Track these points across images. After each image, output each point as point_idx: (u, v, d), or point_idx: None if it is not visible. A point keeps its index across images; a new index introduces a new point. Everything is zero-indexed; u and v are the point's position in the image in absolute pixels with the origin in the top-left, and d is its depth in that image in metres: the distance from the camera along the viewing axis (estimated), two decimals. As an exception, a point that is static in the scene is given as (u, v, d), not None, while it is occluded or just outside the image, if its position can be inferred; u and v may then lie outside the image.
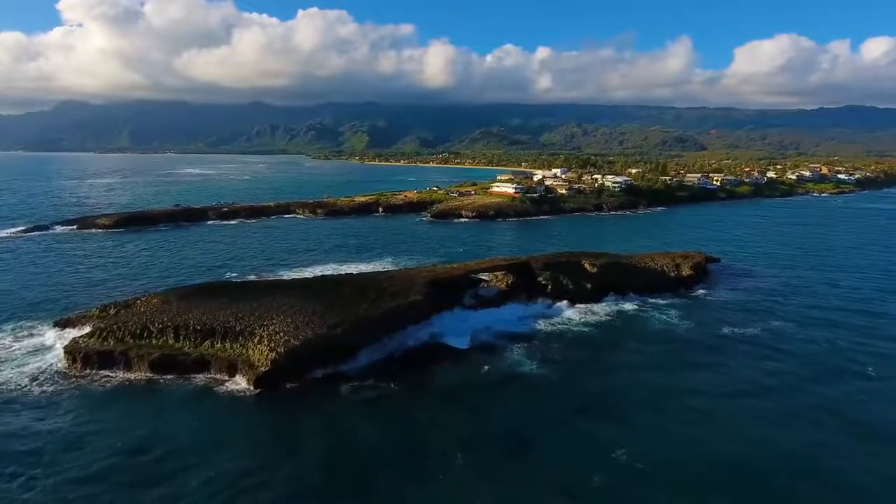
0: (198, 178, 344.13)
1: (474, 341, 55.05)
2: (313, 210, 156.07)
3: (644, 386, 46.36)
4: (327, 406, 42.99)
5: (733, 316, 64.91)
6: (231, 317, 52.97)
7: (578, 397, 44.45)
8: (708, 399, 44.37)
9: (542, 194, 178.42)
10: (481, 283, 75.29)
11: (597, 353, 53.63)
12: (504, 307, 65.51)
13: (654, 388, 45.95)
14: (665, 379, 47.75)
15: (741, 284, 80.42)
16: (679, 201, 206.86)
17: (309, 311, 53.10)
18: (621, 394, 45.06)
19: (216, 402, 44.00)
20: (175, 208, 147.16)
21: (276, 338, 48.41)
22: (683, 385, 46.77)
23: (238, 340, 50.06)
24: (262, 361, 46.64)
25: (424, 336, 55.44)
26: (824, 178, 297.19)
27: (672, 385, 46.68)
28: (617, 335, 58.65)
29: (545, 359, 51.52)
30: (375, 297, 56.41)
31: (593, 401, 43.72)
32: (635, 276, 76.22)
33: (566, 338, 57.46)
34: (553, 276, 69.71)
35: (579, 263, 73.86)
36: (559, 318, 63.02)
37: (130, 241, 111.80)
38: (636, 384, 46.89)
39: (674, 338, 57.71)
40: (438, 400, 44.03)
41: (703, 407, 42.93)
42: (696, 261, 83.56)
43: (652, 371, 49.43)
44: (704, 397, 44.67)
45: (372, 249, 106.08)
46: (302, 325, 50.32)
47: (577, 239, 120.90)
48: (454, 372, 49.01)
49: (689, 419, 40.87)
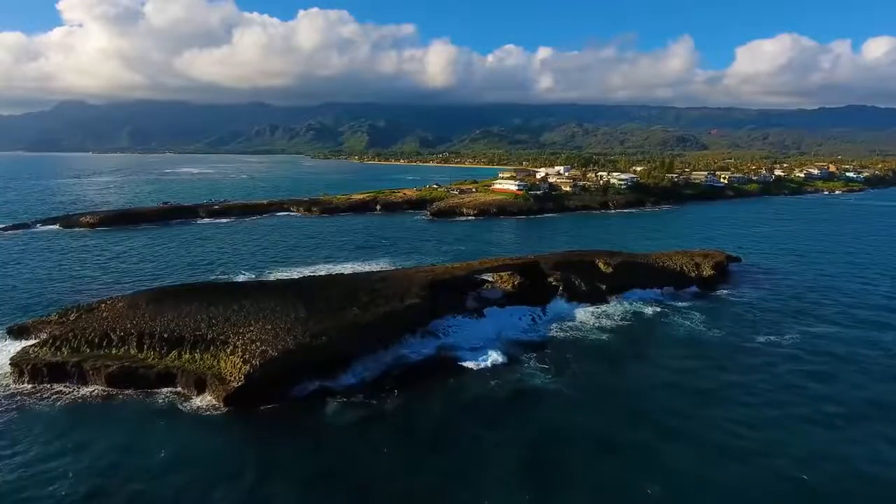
0: (195, 177, 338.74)
1: (484, 353, 48.48)
2: (308, 208, 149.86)
3: (676, 409, 39.37)
4: (309, 430, 36.73)
5: (765, 320, 58.58)
6: (203, 323, 46.76)
7: (601, 422, 37.77)
8: (757, 427, 36.79)
9: (545, 191, 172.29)
10: (485, 284, 69.25)
11: (617, 366, 47.21)
12: (510, 309, 59.30)
13: (688, 412, 38.92)
14: (699, 399, 41.07)
15: (767, 284, 74.09)
16: (687, 199, 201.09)
17: (291, 316, 46.87)
18: (650, 418, 38.10)
19: (180, 423, 37.78)
20: (164, 206, 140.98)
21: (252, 348, 42.17)
22: (723, 408, 39.68)
23: (209, 350, 43.85)
24: (234, 376, 40.41)
25: (429, 349, 48.74)
26: (832, 176, 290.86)
27: (709, 408, 39.70)
28: (638, 343, 52.30)
29: (560, 371, 45.17)
30: (367, 301, 50.17)
31: (618, 427, 36.98)
32: (653, 277, 69.96)
33: (582, 346, 51.12)
34: (564, 277, 63.44)
35: (593, 263, 67.57)
36: (572, 322, 56.69)
37: (114, 239, 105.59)
38: (666, 406, 40.05)
39: (703, 347, 51.32)
40: (439, 424, 37.56)
41: (752, 438, 35.39)
42: (717, 260, 77.31)
43: (683, 389, 42.80)
44: (752, 425, 37.10)
45: (368, 249, 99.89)
46: (282, 332, 44.08)
47: (585, 237, 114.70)
48: (457, 388, 42.63)
49: (737, 454, 33.71)
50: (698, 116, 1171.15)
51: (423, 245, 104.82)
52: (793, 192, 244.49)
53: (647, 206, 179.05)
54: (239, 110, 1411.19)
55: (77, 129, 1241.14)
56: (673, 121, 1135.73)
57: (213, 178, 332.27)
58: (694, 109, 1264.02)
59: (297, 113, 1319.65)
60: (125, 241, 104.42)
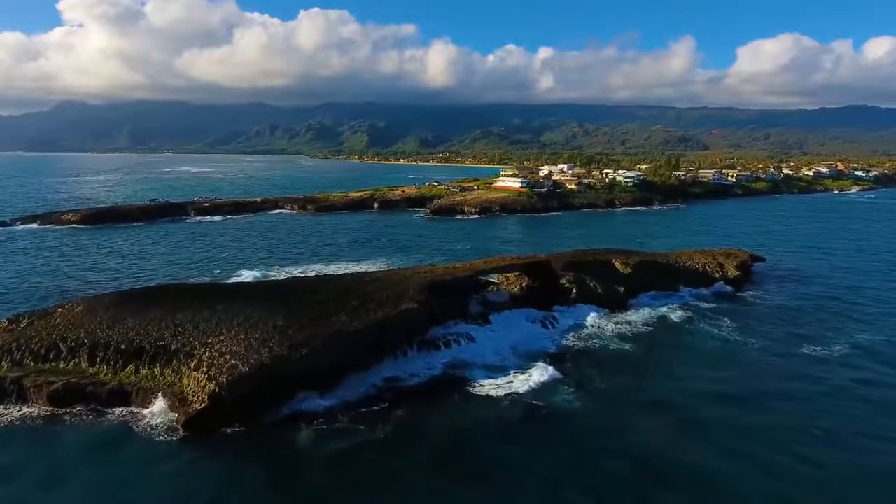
0: (192, 175, 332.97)
1: (494, 369, 42.15)
2: (303, 205, 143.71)
3: (721, 444, 32.04)
4: (280, 462, 30.54)
5: (804, 328, 52.37)
6: (168, 331, 40.60)
7: (634, 451, 31.30)
8: (828, 469, 30.01)
9: (549, 189, 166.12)
10: (490, 286, 63.11)
11: (645, 380, 40.93)
12: (518, 314, 53.14)
13: (734, 446, 31.90)
14: (744, 422, 34.73)
15: (797, 288, 67.85)
16: (694, 197, 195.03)
17: (269, 323, 40.68)
18: (692, 448, 31.64)
19: (127, 450, 31.72)
20: (151, 203, 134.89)
21: (220, 362, 35.96)
22: (774, 437, 33.29)
23: (171, 364, 37.71)
24: (197, 396, 34.25)
25: (428, 364, 41.94)
26: (841, 174, 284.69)
27: (761, 438, 32.98)
28: (665, 354, 46.06)
29: (580, 386, 38.89)
30: (357, 306, 43.95)
31: (655, 458, 30.67)
32: (675, 278, 63.79)
33: (602, 357, 44.85)
34: (578, 278, 57.23)
35: (609, 263, 61.38)
36: (589, 329, 50.44)
37: (93, 238, 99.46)
38: (710, 435, 33.20)
39: (739, 359, 45.03)
40: (440, 456, 31.14)
41: (821, 484, 29.07)
42: (741, 259, 71.16)
43: (724, 413, 36.12)
44: (819, 463, 30.39)
45: (363, 248, 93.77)
46: (257, 343, 37.89)
47: (593, 236, 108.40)
48: (463, 408, 36.37)
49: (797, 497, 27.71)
50: (698, 116, 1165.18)
51: (421, 244, 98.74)
52: (802, 191, 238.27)
53: (654, 204, 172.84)
54: (239, 110, 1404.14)
55: (77, 129, 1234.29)
56: (673, 121, 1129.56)
57: (212, 176, 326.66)
58: (694, 109, 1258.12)
59: (297, 113, 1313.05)
60: (105, 239, 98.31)
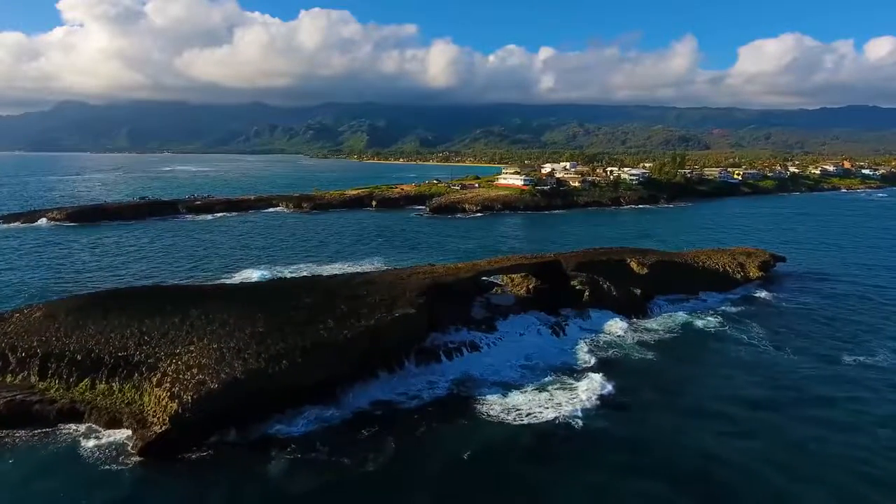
0: (190, 174, 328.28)
1: (505, 386, 37.41)
2: (298, 204, 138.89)
3: (768, 480, 27.15)
4: (245, 497, 25.79)
5: (841, 332, 47.63)
6: (132, 340, 35.88)
7: (679, 474, 26.67)
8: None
9: (553, 187, 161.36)
10: (494, 287, 58.38)
11: (678, 395, 35.97)
12: (525, 319, 48.40)
13: (793, 465, 27.73)
14: (794, 436, 30.22)
15: (824, 288, 63.12)
16: (701, 195, 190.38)
17: (246, 331, 35.95)
18: (746, 467, 27.12)
19: (76, 480, 27.04)
20: (140, 201, 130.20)
21: (186, 377, 31.21)
22: (838, 456, 28.76)
23: (132, 379, 33.00)
24: (158, 416, 29.52)
25: (438, 385, 36.64)
26: (848, 172, 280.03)
27: (827, 460, 28.58)
28: (695, 365, 41.20)
29: (607, 405, 33.79)
30: (346, 311, 39.18)
31: (701, 480, 26.05)
32: (694, 279, 59.02)
33: (626, 369, 39.90)
34: (591, 280, 52.45)
35: (624, 262, 56.60)
36: (606, 336, 45.58)
37: (77, 237, 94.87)
38: (764, 454, 28.64)
39: (776, 369, 40.22)
40: (439, 493, 26.43)
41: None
42: (762, 259, 66.38)
43: (771, 428, 31.72)
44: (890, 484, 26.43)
45: (359, 247, 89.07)
46: (230, 354, 33.12)
47: (600, 235, 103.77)
48: (466, 432, 31.49)
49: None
50: (699, 116, 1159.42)
51: (421, 243, 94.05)
52: (810, 189, 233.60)
53: (660, 202, 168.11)
54: (239, 110, 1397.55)
55: (76, 129, 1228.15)
56: (674, 121, 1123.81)
57: (209, 175, 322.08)
58: (695, 109, 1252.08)
59: (297, 113, 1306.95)
60: (88, 238, 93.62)
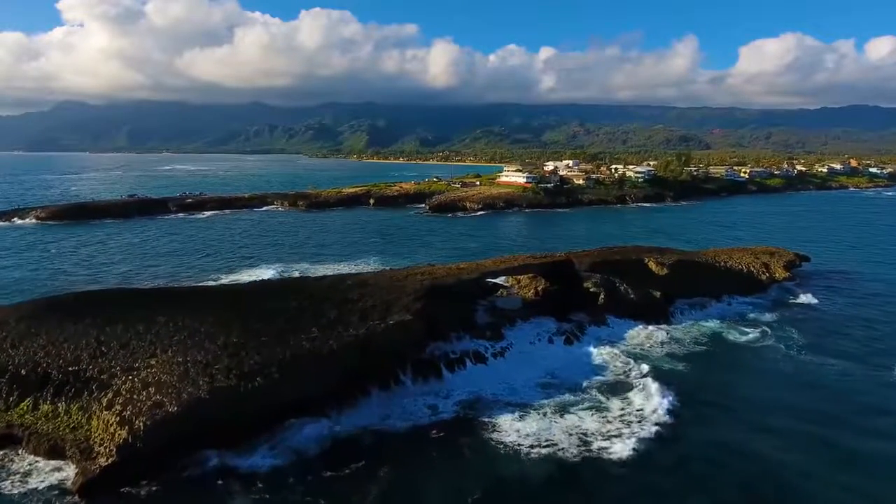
0: (187, 173, 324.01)
1: (521, 407, 32.54)
2: (293, 202, 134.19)
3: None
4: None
5: (886, 340, 42.85)
6: (87, 352, 31.18)
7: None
8: None
9: (557, 184, 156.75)
10: (499, 290, 53.67)
11: (720, 418, 30.74)
12: (534, 325, 43.74)
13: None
14: (863, 463, 25.51)
15: (857, 290, 58.42)
16: (707, 194, 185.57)
17: (218, 341, 31.24)
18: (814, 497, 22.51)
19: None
20: (129, 199, 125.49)
21: (140, 397, 26.47)
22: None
23: (81, 398, 28.23)
24: (105, 446, 24.78)
25: (443, 409, 31.28)
26: (856, 171, 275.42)
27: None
28: (732, 380, 36.11)
29: (642, 429, 28.63)
30: (334, 318, 34.46)
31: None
32: (716, 281, 54.26)
33: (656, 386, 34.94)
34: (606, 282, 47.66)
35: (641, 262, 51.85)
36: (627, 346, 40.69)
37: (59, 236, 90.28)
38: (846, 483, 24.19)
39: (826, 384, 35.31)
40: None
41: None
42: (787, 259, 61.73)
43: (834, 452, 27.06)
44: None
45: (355, 246, 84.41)
46: (196, 369, 28.39)
47: (607, 234, 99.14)
48: (474, 465, 26.60)
49: None
50: (700, 116, 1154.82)
51: (419, 242, 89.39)
52: (818, 188, 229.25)
53: (667, 200, 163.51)
54: (238, 110, 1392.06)
55: (76, 129, 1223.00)
56: (674, 120, 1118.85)
57: (207, 174, 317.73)
58: (695, 109, 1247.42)
59: (296, 113, 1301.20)
60: (71, 237, 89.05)
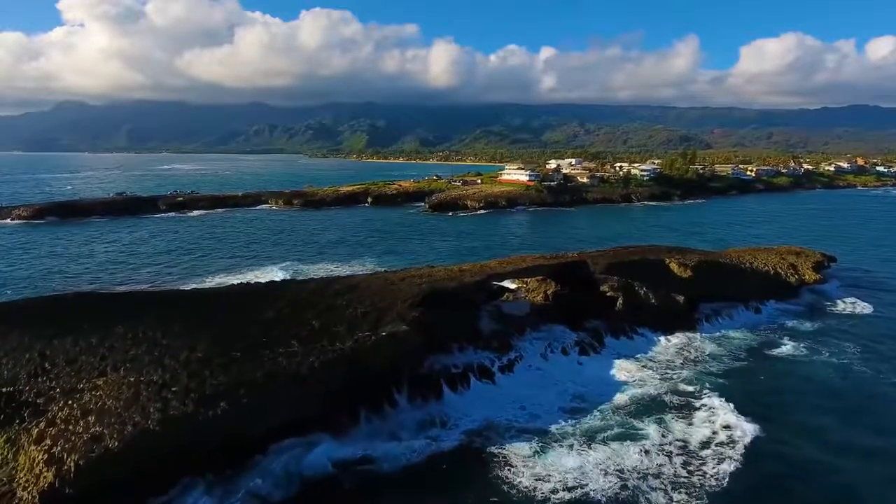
0: (184, 172, 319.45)
1: (542, 433, 27.89)
2: (288, 200, 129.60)
3: None
4: None
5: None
6: (28, 368, 26.64)
7: None
8: None
9: (560, 182, 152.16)
10: (504, 293, 49.08)
11: (781, 452, 26.00)
12: (546, 334, 39.12)
13: None
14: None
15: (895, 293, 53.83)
16: (714, 192, 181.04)
17: (180, 356, 26.62)
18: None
19: None
20: (117, 197, 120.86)
21: (77, 429, 21.81)
22: None
23: (11, 426, 23.56)
24: (28, 491, 20.11)
25: (443, 435, 26.49)
26: (863, 170, 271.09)
27: None
28: (787, 403, 30.52)
29: (691, 464, 24.02)
30: (318, 328, 29.80)
31: None
32: (743, 283, 49.56)
33: (700, 411, 30.01)
34: (625, 285, 42.94)
35: (662, 263, 47.16)
36: (654, 360, 35.86)
37: (39, 235, 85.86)
38: None
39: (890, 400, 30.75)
40: None
41: None
42: (815, 260, 57.13)
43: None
44: None
45: (349, 246, 79.82)
46: (149, 392, 23.74)
47: (616, 233, 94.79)
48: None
49: None
50: (700, 116, 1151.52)
51: (418, 242, 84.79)
52: (825, 186, 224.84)
53: (673, 199, 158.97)
54: (238, 110, 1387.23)
55: (75, 130, 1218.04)
56: (674, 120, 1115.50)
57: (204, 173, 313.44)
58: (695, 109, 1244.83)
59: (296, 113, 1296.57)
60: (52, 237, 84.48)
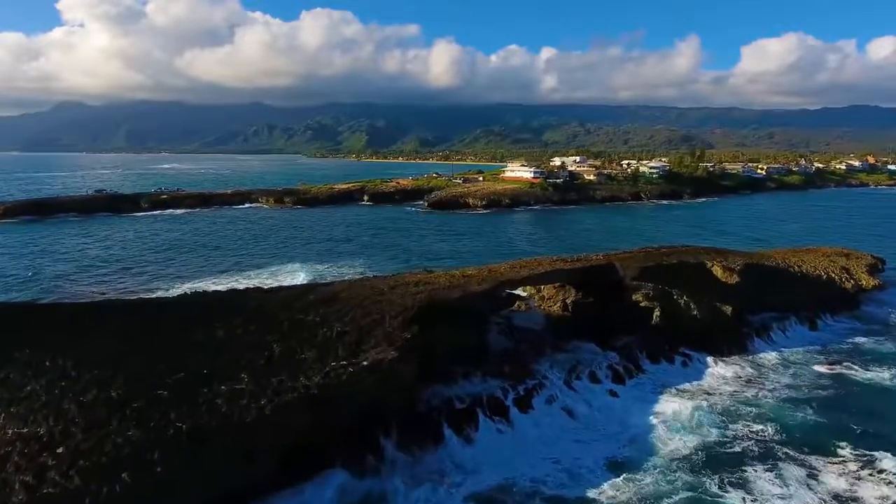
0: (180, 171, 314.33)
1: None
2: (279, 199, 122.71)
3: None
4: None
5: None
6: None
7: None
8: None
9: (566, 180, 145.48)
10: (515, 301, 41.99)
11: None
12: (571, 355, 32.16)
13: None
14: None
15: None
16: (724, 190, 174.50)
17: (88, 395, 19.48)
18: None
19: None
20: (96, 195, 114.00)
21: None
22: None
23: None
24: None
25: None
26: (875, 168, 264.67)
27: None
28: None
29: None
30: (279, 353, 22.60)
31: None
32: (792, 290, 42.46)
33: (788, 465, 23.12)
34: (661, 293, 35.82)
35: (703, 267, 40.06)
36: (704, 389, 28.80)
37: (3, 236, 78.87)
38: None
39: None
40: None
41: None
42: (867, 262, 50.20)
43: None
44: None
45: (339, 246, 72.95)
46: (24, 453, 16.61)
47: (627, 232, 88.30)
48: None
49: None
50: (701, 116, 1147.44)
51: (416, 242, 77.88)
52: (838, 185, 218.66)
53: (684, 197, 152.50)
54: (238, 110, 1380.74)
55: (74, 130, 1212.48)
56: (675, 121, 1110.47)
57: (202, 172, 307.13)
58: (696, 109, 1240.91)
59: (296, 113, 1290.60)
60: (16, 237, 77.85)
